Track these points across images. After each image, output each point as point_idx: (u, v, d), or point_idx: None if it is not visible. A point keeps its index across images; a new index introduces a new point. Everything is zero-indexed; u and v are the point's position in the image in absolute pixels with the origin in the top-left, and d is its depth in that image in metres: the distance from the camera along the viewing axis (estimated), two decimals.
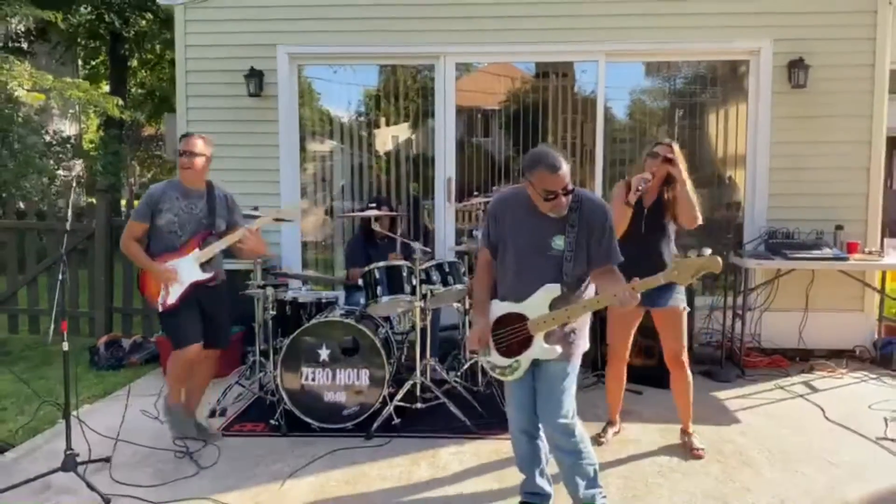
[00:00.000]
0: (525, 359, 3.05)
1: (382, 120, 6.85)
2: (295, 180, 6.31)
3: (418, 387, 4.45)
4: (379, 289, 4.45)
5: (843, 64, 5.81)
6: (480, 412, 4.46)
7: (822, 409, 4.69)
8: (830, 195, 5.86)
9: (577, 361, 3.08)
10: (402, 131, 6.90)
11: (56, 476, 3.53)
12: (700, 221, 3.78)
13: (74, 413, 3.76)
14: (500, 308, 3.09)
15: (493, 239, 3.16)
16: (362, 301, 4.88)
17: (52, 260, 6.67)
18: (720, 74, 6.42)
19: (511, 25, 5.97)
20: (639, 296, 2.82)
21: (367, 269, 4.54)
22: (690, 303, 5.14)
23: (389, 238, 5.28)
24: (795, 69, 5.75)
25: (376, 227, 4.80)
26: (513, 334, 3.05)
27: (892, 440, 4.16)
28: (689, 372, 3.97)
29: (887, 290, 5.92)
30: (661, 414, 4.44)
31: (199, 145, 4.00)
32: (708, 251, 2.71)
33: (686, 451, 3.99)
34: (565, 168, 2.86)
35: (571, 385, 3.05)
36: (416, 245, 4.38)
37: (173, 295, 3.91)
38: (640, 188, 3.70)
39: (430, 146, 6.34)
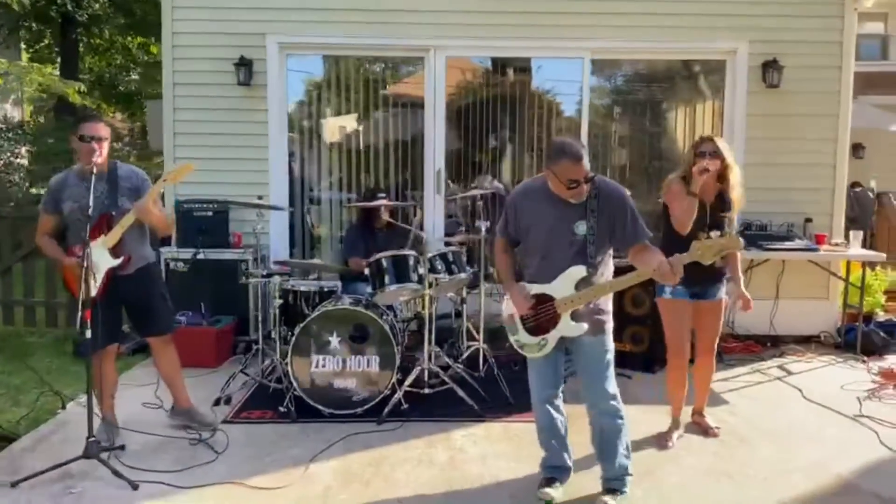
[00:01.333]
0: (552, 337, 3.23)
1: (364, 112, 6.89)
2: (284, 170, 6.31)
3: (426, 373, 4.56)
4: (386, 277, 4.54)
5: (812, 65, 6.14)
6: (484, 396, 4.59)
7: (801, 391, 5.00)
8: (800, 189, 6.20)
9: (610, 335, 3.30)
10: (350, 122, 6.91)
11: (77, 464, 3.51)
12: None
13: (73, 402, 3.75)
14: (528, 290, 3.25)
15: (512, 230, 3.35)
16: (364, 290, 4.97)
17: (29, 249, 6.51)
18: (681, 73, 6.72)
19: (500, 21, 6.10)
20: (681, 269, 2.98)
21: (373, 258, 4.62)
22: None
23: (388, 227, 5.38)
24: (770, 70, 6.05)
25: (385, 216, 4.88)
26: (541, 313, 3.22)
27: (869, 417, 4.47)
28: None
29: (851, 279, 6.29)
30: (657, 396, 4.62)
31: (103, 129, 3.76)
32: (732, 231, 2.91)
33: (700, 430, 4.21)
34: (586, 158, 3.09)
35: (612, 359, 3.29)
36: (424, 234, 4.48)
37: (93, 287, 3.58)
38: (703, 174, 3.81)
39: (420, 137, 6.42)
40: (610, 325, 3.31)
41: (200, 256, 5.66)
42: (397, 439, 4.06)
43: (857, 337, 5.97)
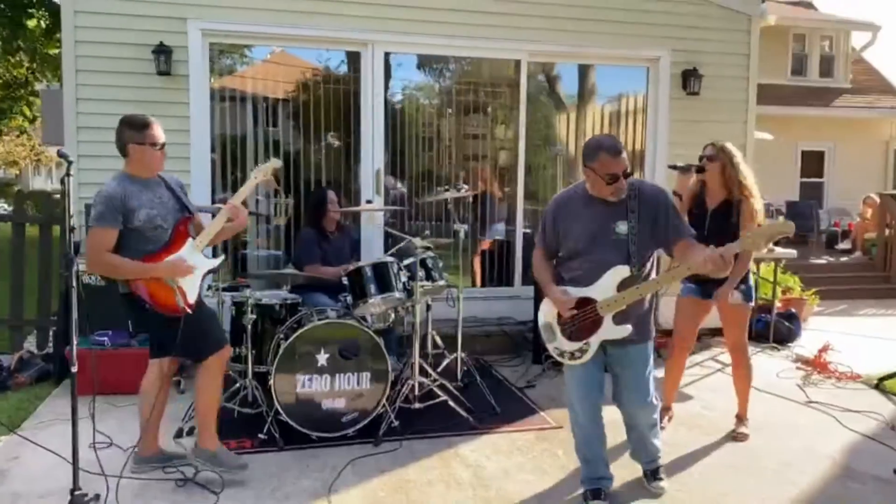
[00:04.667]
0: (595, 340, 3.16)
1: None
2: (206, 168, 5.72)
3: (416, 387, 4.32)
4: (371, 287, 4.24)
5: (724, 75, 6.57)
6: (469, 406, 4.43)
7: None
8: None
9: (652, 342, 3.30)
10: None
11: None
12: None
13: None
14: None
15: (551, 239, 3.30)
16: (325, 301, 4.65)
17: None
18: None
19: (441, 18, 5.94)
20: (732, 258, 2.89)
21: (353, 266, 4.31)
22: None
23: (338, 230, 5.08)
24: (691, 78, 6.41)
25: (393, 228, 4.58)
26: (581, 318, 3.14)
27: (819, 403, 4.85)
28: (748, 361, 4.28)
29: (761, 273, 6.84)
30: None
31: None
32: (780, 218, 3.03)
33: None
34: (624, 152, 3.07)
35: (652, 365, 3.30)
36: (417, 240, 4.24)
37: (191, 293, 3.33)
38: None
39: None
40: (653, 331, 3.30)
41: None
42: (407, 460, 3.79)
43: (768, 328, 6.49)
